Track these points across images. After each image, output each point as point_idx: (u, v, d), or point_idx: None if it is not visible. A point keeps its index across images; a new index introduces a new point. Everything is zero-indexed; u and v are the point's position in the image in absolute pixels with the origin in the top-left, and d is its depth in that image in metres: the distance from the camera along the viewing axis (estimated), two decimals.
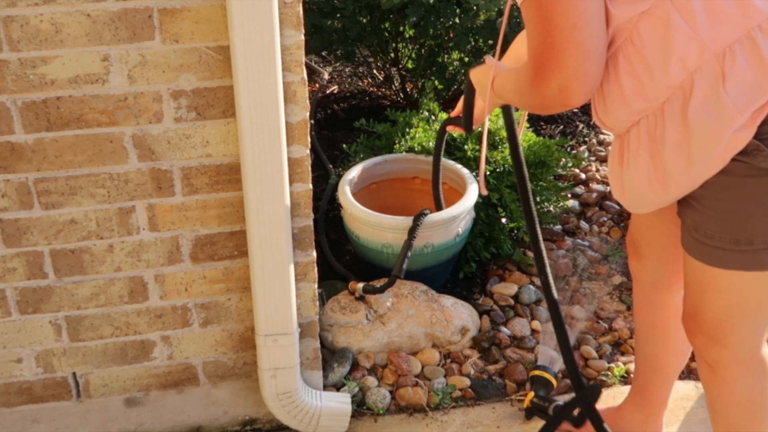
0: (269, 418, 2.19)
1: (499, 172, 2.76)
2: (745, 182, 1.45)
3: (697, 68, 1.40)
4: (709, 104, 1.40)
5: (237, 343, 2.15)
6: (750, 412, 1.70)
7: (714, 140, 1.41)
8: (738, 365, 1.65)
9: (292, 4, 1.74)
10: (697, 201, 1.53)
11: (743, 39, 1.38)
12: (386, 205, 2.67)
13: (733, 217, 1.49)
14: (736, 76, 1.38)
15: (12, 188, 1.85)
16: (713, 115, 1.40)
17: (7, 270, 1.94)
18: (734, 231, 1.50)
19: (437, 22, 3.28)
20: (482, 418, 2.24)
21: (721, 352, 1.65)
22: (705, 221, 1.53)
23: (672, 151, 1.46)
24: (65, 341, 2.07)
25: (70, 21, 1.69)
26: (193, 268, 2.03)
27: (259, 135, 1.78)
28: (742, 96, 1.38)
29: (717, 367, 1.67)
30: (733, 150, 1.42)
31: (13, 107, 1.76)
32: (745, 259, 1.51)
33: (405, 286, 2.53)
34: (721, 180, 1.46)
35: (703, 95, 1.40)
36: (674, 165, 1.47)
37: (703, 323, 1.65)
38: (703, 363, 1.70)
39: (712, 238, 1.53)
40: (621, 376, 2.38)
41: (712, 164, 1.45)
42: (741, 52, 1.38)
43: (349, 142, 3.17)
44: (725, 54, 1.38)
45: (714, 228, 1.52)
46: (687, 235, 1.59)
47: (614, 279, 2.80)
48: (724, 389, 1.70)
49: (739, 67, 1.38)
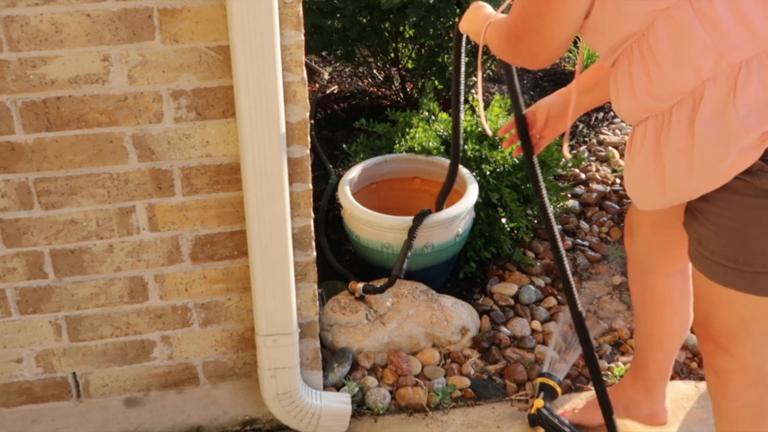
0: (269, 418, 2.19)
1: (499, 172, 2.76)
2: (748, 202, 1.43)
3: (711, 77, 1.37)
4: (716, 118, 1.38)
5: (237, 343, 2.15)
6: (751, 420, 1.71)
7: (717, 155, 1.39)
8: (743, 376, 1.66)
9: (292, 4, 1.74)
10: (701, 214, 1.52)
11: (762, 56, 1.35)
12: (386, 205, 2.67)
13: (733, 235, 1.48)
14: (749, 93, 1.35)
15: (12, 188, 1.85)
16: (720, 130, 1.38)
17: (7, 270, 1.94)
18: (734, 249, 1.49)
19: (437, 22, 3.28)
20: (482, 418, 2.24)
21: (729, 361, 1.65)
22: (708, 236, 1.52)
23: (674, 157, 1.45)
24: (65, 341, 2.07)
25: (70, 21, 1.69)
26: (193, 268, 2.03)
27: (259, 135, 1.78)
28: (751, 116, 1.35)
29: (722, 375, 1.68)
30: (738, 168, 1.40)
31: (13, 107, 1.76)
32: (743, 280, 1.50)
33: (405, 286, 2.53)
34: (725, 197, 1.45)
35: (713, 107, 1.38)
36: (675, 170, 1.46)
37: (712, 332, 1.65)
38: (709, 369, 1.71)
39: (713, 252, 1.52)
40: (621, 376, 2.38)
41: (714, 178, 1.43)
42: (758, 68, 1.35)
43: (349, 142, 3.17)
44: (741, 67, 1.35)
45: (715, 243, 1.51)
46: (692, 247, 1.59)
47: (614, 279, 2.80)
48: (728, 396, 1.70)
49: (753, 84, 1.35)
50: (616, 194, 3.25)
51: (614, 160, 3.47)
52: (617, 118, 3.84)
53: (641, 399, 2.11)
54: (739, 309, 1.57)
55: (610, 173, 3.38)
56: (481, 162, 2.77)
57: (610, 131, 3.73)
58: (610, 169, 3.42)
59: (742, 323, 1.59)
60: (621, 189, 3.28)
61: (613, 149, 3.54)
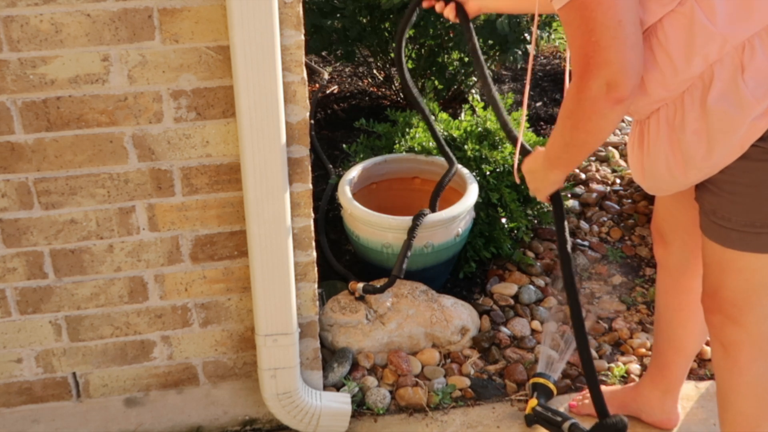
0: (269, 418, 2.19)
1: (499, 172, 2.76)
2: (762, 166, 1.50)
3: (717, 60, 1.45)
4: (727, 94, 1.45)
5: (237, 343, 2.15)
6: (759, 396, 1.72)
7: (732, 128, 1.46)
8: (752, 347, 1.68)
9: (292, 4, 1.74)
10: (715, 185, 1.57)
11: (762, 32, 1.43)
12: (386, 205, 2.67)
13: (749, 200, 1.54)
14: (755, 67, 1.43)
15: (12, 188, 1.85)
16: (732, 104, 1.45)
17: (7, 270, 1.94)
18: (750, 213, 1.54)
19: (437, 22, 3.28)
20: (482, 418, 2.24)
21: (737, 332, 1.68)
22: (723, 204, 1.57)
23: (691, 139, 1.51)
24: (65, 341, 2.07)
25: (70, 21, 1.69)
26: (193, 268, 2.03)
27: (259, 135, 1.78)
28: (760, 86, 1.43)
29: (731, 348, 1.70)
30: (751, 138, 1.47)
31: (13, 107, 1.76)
32: (760, 241, 1.56)
33: (405, 286, 2.53)
34: (740, 164, 1.51)
35: (723, 85, 1.45)
36: (694, 152, 1.52)
37: (721, 302, 1.68)
38: (717, 343, 1.73)
39: (729, 220, 1.57)
40: (621, 376, 2.38)
41: (731, 151, 1.49)
42: (760, 44, 1.43)
43: (349, 142, 3.17)
44: (744, 47, 1.43)
45: (731, 211, 1.56)
46: (705, 218, 1.64)
47: (614, 279, 2.80)
48: (736, 370, 1.72)
49: (757, 59, 1.43)
50: (616, 194, 3.25)
51: (614, 160, 3.48)
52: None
53: (657, 403, 2.14)
54: (749, 275, 1.61)
55: (610, 173, 3.39)
56: (481, 162, 2.77)
57: None
58: (610, 169, 3.42)
59: (752, 289, 1.63)
60: (621, 189, 3.28)
61: (613, 149, 3.54)
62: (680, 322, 2.02)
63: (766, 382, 1.71)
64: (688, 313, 1.98)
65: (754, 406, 1.73)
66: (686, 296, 1.96)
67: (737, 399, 1.74)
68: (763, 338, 1.67)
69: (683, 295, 1.97)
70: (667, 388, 2.13)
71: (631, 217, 3.12)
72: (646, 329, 2.56)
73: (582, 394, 2.26)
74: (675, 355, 2.07)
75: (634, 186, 3.25)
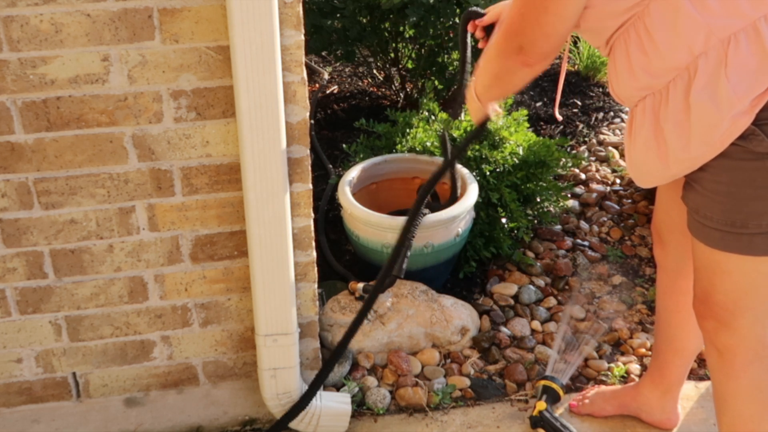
0: (269, 418, 2.19)
1: (499, 172, 2.76)
2: (742, 165, 1.50)
3: (702, 52, 1.45)
4: (710, 88, 1.45)
5: (237, 343, 2.15)
6: (756, 399, 1.72)
7: (712, 123, 1.47)
8: (746, 350, 1.68)
9: (292, 4, 1.74)
10: (699, 183, 1.58)
11: (748, 28, 1.43)
12: (386, 205, 2.67)
13: (729, 200, 1.54)
14: (738, 63, 1.43)
15: (12, 188, 1.85)
16: (713, 98, 1.45)
17: (7, 270, 1.94)
18: (730, 213, 1.54)
19: (437, 22, 3.28)
20: (482, 418, 2.24)
21: (731, 336, 1.67)
22: (705, 203, 1.58)
23: (672, 130, 1.52)
24: (65, 341, 2.07)
25: (70, 21, 1.69)
26: (193, 268, 2.03)
27: (259, 135, 1.78)
28: (742, 83, 1.43)
29: (726, 353, 1.70)
30: (732, 135, 1.47)
31: (13, 107, 1.76)
32: (740, 243, 1.55)
33: (405, 286, 2.53)
34: (720, 163, 1.51)
35: (706, 79, 1.45)
36: (674, 143, 1.53)
37: (713, 307, 1.68)
38: (712, 348, 1.73)
39: (711, 219, 1.57)
40: (621, 376, 2.38)
41: (711, 147, 1.49)
42: (745, 40, 1.43)
43: (349, 142, 3.17)
44: (730, 41, 1.43)
45: (712, 210, 1.57)
46: (690, 217, 1.64)
47: (614, 279, 2.80)
48: (732, 375, 1.72)
49: (741, 55, 1.43)
50: (616, 194, 3.25)
51: (614, 160, 3.47)
52: (617, 118, 3.84)
53: (656, 403, 2.15)
54: (738, 278, 1.61)
55: (610, 173, 3.39)
56: (481, 162, 2.77)
57: (610, 131, 3.73)
58: (610, 169, 3.42)
59: (743, 293, 1.63)
60: (621, 189, 3.28)
61: (613, 149, 3.54)
62: (679, 323, 2.02)
63: (762, 385, 1.71)
64: (687, 314, 1.98)
65: (751, 408, 1.72)
66: (684, 297, 1.96)
67: (734, 402, 1.74)
68: (757, 341, 1.67)
69: (681, 296, 1.97)
70: (667, 389, 2.13)
71: (631, 217, 3.12)
72: (646, 329, 2.56)
73: (582, 394, 2.26)
74: (674, 356, 2.08)
75: (634, 186, 3.25)
